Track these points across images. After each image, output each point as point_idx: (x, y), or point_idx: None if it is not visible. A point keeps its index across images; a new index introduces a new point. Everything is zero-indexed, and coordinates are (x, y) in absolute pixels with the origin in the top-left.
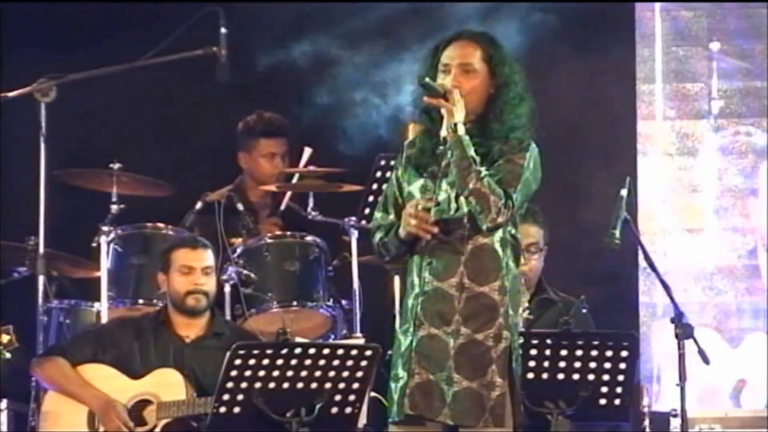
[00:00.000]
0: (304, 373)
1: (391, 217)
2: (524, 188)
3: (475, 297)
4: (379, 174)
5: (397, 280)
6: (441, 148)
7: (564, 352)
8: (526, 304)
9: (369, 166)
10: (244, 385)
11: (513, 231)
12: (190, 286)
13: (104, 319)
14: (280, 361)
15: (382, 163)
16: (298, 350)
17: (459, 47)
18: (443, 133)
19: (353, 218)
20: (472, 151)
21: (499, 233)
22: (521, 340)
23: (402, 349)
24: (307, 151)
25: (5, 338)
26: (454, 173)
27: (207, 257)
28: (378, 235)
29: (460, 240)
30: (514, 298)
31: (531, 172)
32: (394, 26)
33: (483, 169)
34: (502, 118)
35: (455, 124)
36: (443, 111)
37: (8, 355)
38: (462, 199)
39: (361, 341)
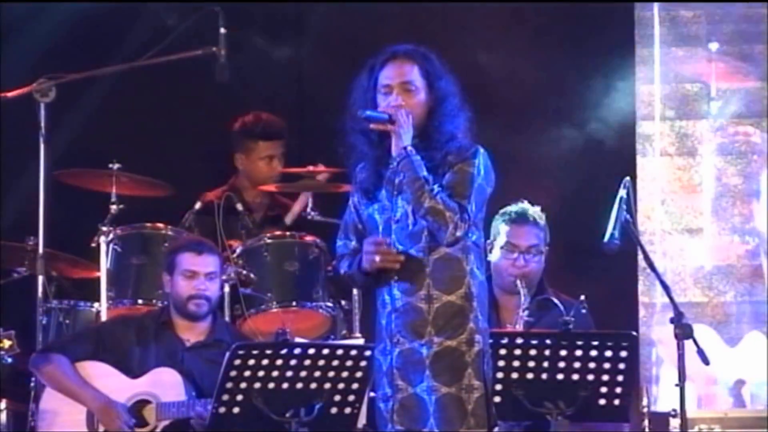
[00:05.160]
0: (303, 374)
1: (353, 243)
2: (478, 195)
3: (444, 306)
4: None
5: None
6: (391, 167)
7: (564, 352)
8: (526, 305)
9: None
10: (243, 385)
11: (475, 237)
12: (192, 291)
13: (104, 319)
14: (279, 362)
15: None
16: (297, 350)
17: (396, 66)
18: (394, 154)
19: None
20: (423, 171)
21: (460, 241)
22: (521, 341)
23: (384, 368)
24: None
25: (6, 343)
26: (408, 193)
27: (211, 262)
28: (344, 266)
29: (422, 252)
30: (483, 304)
31: (482, 177)
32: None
33: (435, 186)
34: (442, 129)
35: (405, 147)
36: (392, 134)
37: (9, 360)
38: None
39: (361, 341)
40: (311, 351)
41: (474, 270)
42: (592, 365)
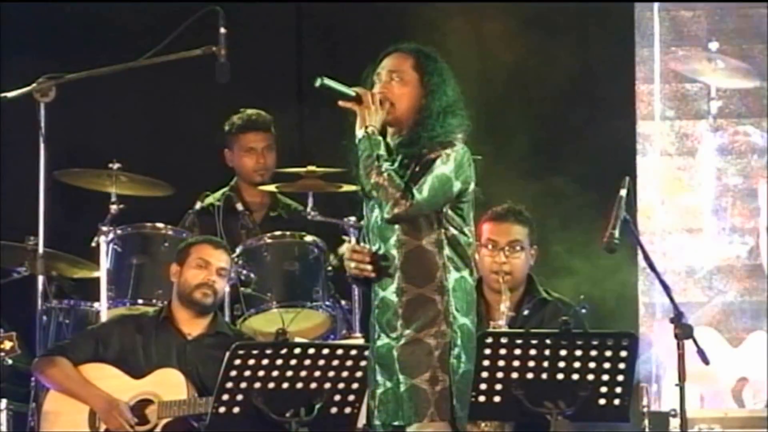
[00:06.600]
0: (303, 373)
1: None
2: (438, 184)
3: (415, 299)
4: None
5: None
6: None
7: (564, 352)
8: (508, 303)
9: None
10: (243, 385)
11: (453, 232)
12: (202, 280)
13: (104, 320)
14: (279, 362)
15: None
16: (297, 350)
17: (393, 58)
18: (357, 133)
19: (353, 218)
20: (379, 151)
21: (433, 235)
22: (520, 341)
23: (372, 364)
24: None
25: (7, 345)
26: (359, 171)
27: (225, 259)
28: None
29: (395, 246)
30: (461, 298)
31: (452, 170)
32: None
33: (386, 164)
34: (425, 124)
35: (366, 127)
36: (358, 114)
37: (10, 362)
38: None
39: (361, 341)
40: (311, 351)
41: (449, 264)
42: (592, 365)
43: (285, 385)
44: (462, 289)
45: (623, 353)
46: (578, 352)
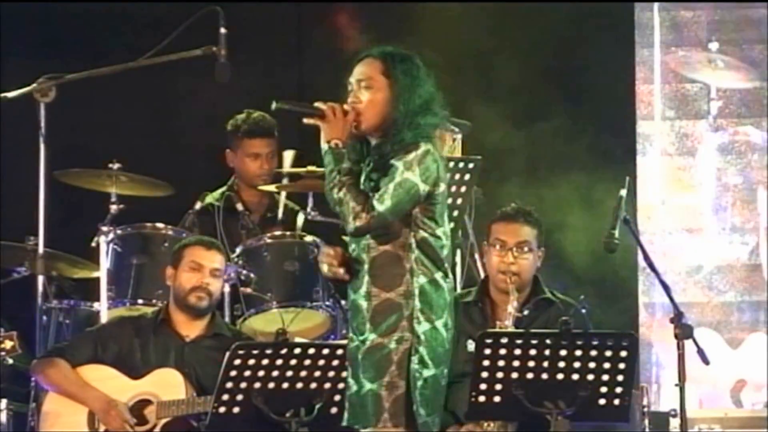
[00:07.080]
0: (303, 373)
1: None
2: (401, 191)
3: (382, 303)
4: None
5: None
6: (365, 170)
7: (563, 352)
8: (515, 303)
9: None
10: (243, 385)
11: (423, 234)
12: (195, 283)
13: (104, 320)
14: (279, 361)
15: None
16: (297, 350)
17: (361, 65)
18: (322, 149)
19: None
20: (345, 164)
21: (401, 238)
22: (520, 341)
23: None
24: (289, 153)
25: (8, 344)
26: (325, 185)
27: (218, 259)
28: None
29: (364, 250)
30: (429, 302)
31: (416, 174)
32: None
33: (346, 179)
34: (396, 129)
35: (329, 141)
36: (321, 129)
37: (11, 361)
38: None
39: None
40: (311, 351)
41: (417, 268)
42: (592, 365)
43: (285, 385)
44: (431, 293)
45: (623, 353)
46: (578, 352)
